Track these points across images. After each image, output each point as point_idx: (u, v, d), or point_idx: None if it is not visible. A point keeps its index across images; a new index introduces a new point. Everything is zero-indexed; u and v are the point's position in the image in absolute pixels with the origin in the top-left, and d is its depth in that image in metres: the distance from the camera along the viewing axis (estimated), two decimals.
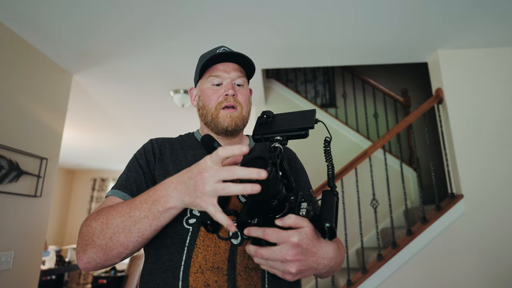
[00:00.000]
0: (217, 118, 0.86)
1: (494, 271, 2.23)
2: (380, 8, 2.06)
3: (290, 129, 0.68)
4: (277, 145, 0.67)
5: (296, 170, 0.94)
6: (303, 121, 0.69)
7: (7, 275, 2.08)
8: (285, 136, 0.69)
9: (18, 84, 2.21)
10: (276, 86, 3.73)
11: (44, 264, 4.79)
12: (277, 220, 0.57)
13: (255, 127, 0.73)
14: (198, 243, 0.71)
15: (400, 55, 2.70)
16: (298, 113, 0.72)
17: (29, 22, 2.09)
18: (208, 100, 0.88)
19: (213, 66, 0.89)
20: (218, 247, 0.71)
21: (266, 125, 0.72)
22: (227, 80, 0.87)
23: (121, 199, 0.75)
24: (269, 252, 0.56)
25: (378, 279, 2.29)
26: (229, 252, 0.71)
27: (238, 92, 0.88)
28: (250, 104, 0.92)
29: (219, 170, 0.53)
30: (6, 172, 2.07)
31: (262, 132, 0.71)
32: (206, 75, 0.90)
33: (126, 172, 0.83)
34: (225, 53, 0.86)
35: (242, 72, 0.91)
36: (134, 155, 0.87)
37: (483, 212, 2.32)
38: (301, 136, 0.69)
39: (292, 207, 0.60)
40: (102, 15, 2.05)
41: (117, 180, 0.83)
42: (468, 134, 2.46)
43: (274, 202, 0.58)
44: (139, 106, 3.70)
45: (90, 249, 0.65)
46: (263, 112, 0.75)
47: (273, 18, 2.14)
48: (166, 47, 2.46)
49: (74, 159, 6.58)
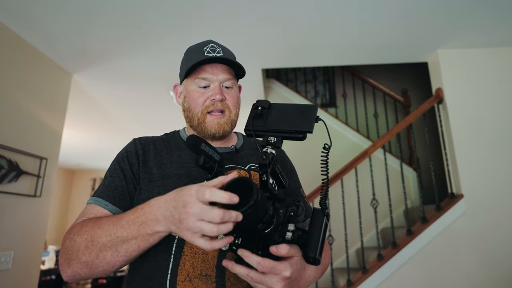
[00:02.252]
0: (204, 123, 0.82)
1: (495, 271, 2.23)
2: (380, 8, 2.06)
3: (286, 130, 0.61)
4: (270, 151, 0.60)
5: (286, 171, 0.91)
6: (301, 121, 0.61)
7: (7, 275, 2.08)
8: (280, 138, 0.61)
9: (18, 83, 2.21)
10: (276, 86, 3.73)
11: (44, 264, 4.78)
12: (272, 248, 0.57)
13: (248, 120, 0.65)
14: (185, 251, 0.70)
15: (400, 55, 2.70)
16: (297, 109, 0.64)
17: (27, 20, 2.09)
18: (194, 103, 0.83)
19: (200, 67, 0.83)
20: (206, 254, 0.69)
21: (260, 117, 0.64)
22: (215, 83, 0.82)
23: (103, 208, 0.73)
24: (259, 278, 0.57)
25: (378, 279, 2.29)
26: (217, 258, 0.70)
27: (226, 95, 0.83)
28: (239, 105, 0.88)
29: (204, 211, 0.51)
30: (5, 172, 2.06)
31: (255, 127, 0.64)
32: (193, 76, 0.84)
33: (108, 177, 0.79)
34: (213, 57, 0.81)
35: (231, 73, 0.85)
36: (116, 157, 0.82)
37: (483, 212, 2.32)
38: (297, 139, 0.62)
39: (279, 222, 0.58)
40: (102, 13, 2.04)
41: (99, 186, 0.78)
42: (468, 134, 2.46)
43: (260, 226, 0.56)
44: (139, 106, 3.70)
45: (74, 264, 0.64)
46: (258, 101, 0.66)
47: (273, 18, 2.14)
48: (166, 46, 2.46)
49: (74, 159, 6.58)
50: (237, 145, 0.91)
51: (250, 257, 0.56)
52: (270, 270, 0.56)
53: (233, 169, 0.82)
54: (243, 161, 0.86)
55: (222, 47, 0.85)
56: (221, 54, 0.83)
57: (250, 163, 0.86)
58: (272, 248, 0.57)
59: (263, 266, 0.56)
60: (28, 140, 2.29)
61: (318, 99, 4.41)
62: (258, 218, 0.55)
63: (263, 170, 0.58)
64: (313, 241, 0.57)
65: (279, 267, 0.57)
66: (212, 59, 0.81)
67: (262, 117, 0.64)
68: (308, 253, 0.56)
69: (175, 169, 0.79)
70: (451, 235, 2.32)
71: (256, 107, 0.65)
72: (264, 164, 0.58)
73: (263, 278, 0.57)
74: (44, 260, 4.85)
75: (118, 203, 0.75)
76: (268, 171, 0.58)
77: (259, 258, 0.56)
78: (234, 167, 0.82)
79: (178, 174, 0.78)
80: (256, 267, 0.56)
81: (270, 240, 0.58)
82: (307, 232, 0.58)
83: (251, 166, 0.85)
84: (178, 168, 0.79)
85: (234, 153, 0.87)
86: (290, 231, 0.57)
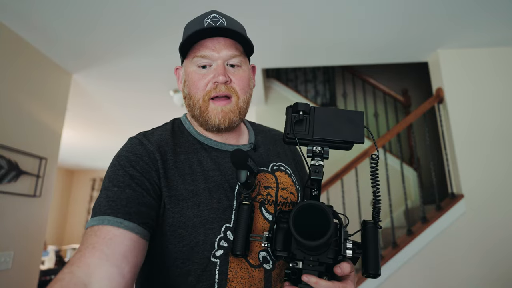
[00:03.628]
0: (206, 113, 0.68)
1: (495, 271, 2.22)
2: (380, 8, 2.05)
3: (334, 140, 0.56)
4: (320, 163, 0.55)
5: (299, 164, 0.86)
6: (350, 130, 0.56)
7: (7, 275, 2.07)
8: (327, 149, 0.56)
9: (17, 83, 2.20)
10: (276, 85, 3.73)
11: (43, 264, 4.78)
12: (336, 269, 0.55)
13: (288, 126, 0.57)
14: (230, 276, 0.61)
15: (400, 55, 2.69)
16: (342, 115, 0.57)
17: (27, 20, 2.08)
18: (194, 88, 0.69)
19: (199, 42, 0.68)
20: (252, 277, 0.62)
21: (301, 123, 0.57)
22: (217, 61, 0.67)
23: (115, 228, 0.54)
24: None
25: (378, 278, 2.28)
26: (264, 280, 0.63)
27: (232, 76, 0.68)
28: (249, 89, 0.72)
29: None
30: (5, 172, 2.06)
31: (298, 136, 0.56)
32: (191, 55, 0.69)
33: (111, 187, 0.59)
34: (212, 28, 0.66)
35: (237, 49, 0.69)
36: (117, 162, 0.63)
37: (483, 211, 2.32)
38: (344, 148, 0.57)
39: (337, 242, 0.56)
40: (102, 13, 2.04)
41: (97, 202, 0.58)
42: (468, 133, 2.45)
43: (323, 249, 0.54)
44: (139, 105, 3.69)
45: None
46: (297, 104, 0.58)
47: (273, 18, 2.14)
48: (166, 47, 2.45)
49: (74, 159, 6.57)
50: (252, 140, 0.79)
51: (319, 284, 0.53)
52: None
53: (258, 172, 0.70)
54: (264, 161, 0.75)
55: (226, 17, 0.70)
56: (225, 25, 0.67)
57: (271, 162, 0.76)
58: (337, 269, 0.55)
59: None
60: (27, 140, 2.28)
61: (318, 98, 4.40)
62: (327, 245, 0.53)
63: (316, 186, 0.55)
64: (372, 256, 0.55)
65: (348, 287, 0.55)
66: (212, 30, 0.66)
67: (303, 123, 0.57)
68: (369, 270, 0.55)
69: (202, 182, 0.66)
70: (451, 235, 2.31)
71: (297, 111, 0.57)
72: (317, 180, 0.55)
73: None
74: (44, 260, 4.85)
75: (137, 219, 0.56)
76: (320, 186, 0.56)
77: (329, 283, 0.53)
78: (259, 169, 0.71)
79: (208, 189, 0.65)
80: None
81: (325, 257, 0.55)
82: (359, 244, 0.57)
83: (273, 166, 0.76)
84: (204, 180, 0.66)
85: (252, 151, 0.76)
86: (350, 249, 0.55)
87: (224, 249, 0.62)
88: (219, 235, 0.63)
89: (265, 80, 3.48)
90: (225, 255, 0.62)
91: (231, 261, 0.62)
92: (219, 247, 0.62)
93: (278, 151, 0.81)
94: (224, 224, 0.63)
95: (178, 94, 3.25)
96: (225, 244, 0.63)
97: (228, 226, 0.64)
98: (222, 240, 0.63)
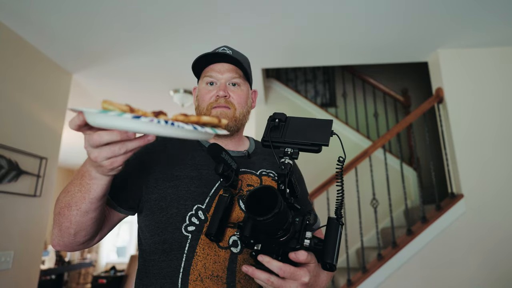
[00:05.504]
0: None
1: (495, 271, 2.22)
2: (380, 8, 2.06)
3: (303, 142, 0.65)
4: (288, 161, 0.63)
5: (296, 178, 0.92)
6: (318, 134, 0.65)
7: (7, 275, 2.08)
8: (296, 150, 0.65)
9: (18, 83, 2.21)
10: (276, 85, 3.73)
11: (43, 264, 4.78)
12: (291, 254, 0.60)
13: (266, 131, 0.69)
14: (198, 251, 0.72)
15: (400, 55, 2.70)
16: (313, 123, 0.67)
17: (27, 20, 2.08)
18: (202, 99, 0.87)
19: (209, 66, 0.88)
20: (218, 256, 0.72)
21: (277, 129, 0.68)
22: (220, 80, 0.86)
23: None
24: (279, 283, 0.59)
25: (378, 278, 2.29)
26: (228, 260, 0.72)
27: (231, 92, 0.86)
28: (247, 105, 0.89)
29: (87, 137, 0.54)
30: (5, 172, 2.06)
31: (273, 139, 0.67)
32: (202, 75, 0.89)
33: None
34: (217, 53, 0.85)
35: (237, 73, 0.87)
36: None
37: (483, 211, 2.32)
38: (313, 151, 0.65)
39: (296, 230, 0.62)
40: (102, 13, 2.04)
41: None
42: (468, 133, 2.45)
43: (279, 233, 0.59)
44: (139, 105, 3.69)
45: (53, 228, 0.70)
46: (274, 114, 0.70)
47: (273, 18, 2.14)
48: (166, 46, 2.46)
49: (74, 159, 6.57)
50: (249, 150, 0.92)
51: (271, 263, 0.59)
52: (290, 275, 0.59)
53: (245, 173, 0.84)
54: (255, 166, 0.88)
55: (233, 50, 0.89)
56: (230, 53, 0.86)
57: (262, 168, 0.88)
58: (291, 254, 0.60)
59: (284, 271, 0.59)
60: (28, 139, 2.28)
61: (318, 98, 4.41)
62: (280, 225, 0.58)
63: (281, 180, 0.61)
64: (330, 248, 0.61)
65: (298, 272, 0.60)
66: (217, 56, 0.85)
67: (279, 129, 0.68)
68: (325, 259, 0.60)
69: (189, 171, 0.80)
70: (451, 235, 2.31)
71: (273, 119, 0.69)
72: (283, 174, 0.61)
73: (283, 283, 0.59)
74: (44, 260, 4.85)
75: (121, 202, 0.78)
76: (286, 180, 0.61)
77: (281, 264, 0.59)
78: (246, 171, 0.84)
79: (190, 176, 0.79)
80: (277, 272, 0.59)
81: (287, 247, 0.61)
82: (323, 239, 0.62)
83: (262, 172, 0.87)
84: (191, 170, 0.81)
85: (246, 157, 0.89)
86: (308, 239, 0.61)
87: (195, 226, 0.73)
88: (190, 211, 0.75)
89: (265, 80, 3.48)
90: (197, 232, 0.73)
91: (202, 239, 0.73)
92: (190, 222, 0.74)
93: (274, 162, 0.92)
94: (197, 204, 0.75)
95: (178, 94, 3.25)
96: (196, 221, 0.74)
97: (200, 206, 0.75)
98: (193, 217, 0.74)
